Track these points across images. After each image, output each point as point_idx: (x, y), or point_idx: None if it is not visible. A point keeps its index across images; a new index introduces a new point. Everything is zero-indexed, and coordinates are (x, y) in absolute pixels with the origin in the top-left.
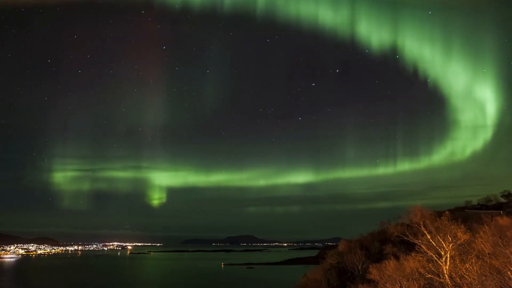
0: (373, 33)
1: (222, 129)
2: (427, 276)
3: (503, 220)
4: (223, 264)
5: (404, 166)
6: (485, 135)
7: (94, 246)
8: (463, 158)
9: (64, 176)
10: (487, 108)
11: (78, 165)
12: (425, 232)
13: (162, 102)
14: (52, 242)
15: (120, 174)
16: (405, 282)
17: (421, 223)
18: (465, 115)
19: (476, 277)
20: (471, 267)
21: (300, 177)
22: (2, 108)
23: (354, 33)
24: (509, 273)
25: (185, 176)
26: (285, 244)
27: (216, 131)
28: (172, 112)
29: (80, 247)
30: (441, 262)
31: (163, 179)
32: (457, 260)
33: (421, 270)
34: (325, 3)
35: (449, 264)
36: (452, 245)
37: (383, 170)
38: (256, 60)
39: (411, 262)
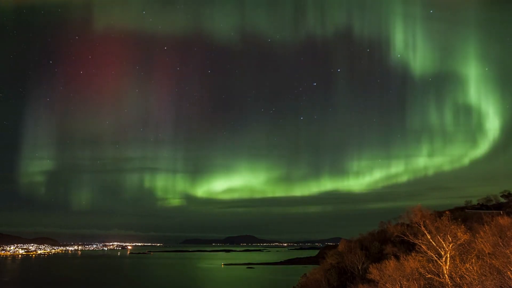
0: (374, 32)
1: (223, 129)
2: (427, 276)
3: (503, 220)
4: (223, 264)
5: (405, 166)
6: (486, 136)
7: (94, 246)
8: (463, 159)
9: (65, 176)
10: (489, 109)
11: (79, 166)
12: (425, 232)
13: (164, 103)
14: (52, 242)
15: (121, 174)
16: (405, 282)
17: (421, 223)
18: (466, 116)
19: (476, 277)
20: (471, 267)
21: (301, 177)
22: (4, 109)
23: (355, 33)
24: (509, 273)
25: (186, 176)
26: (285, 244)
27: (218, 131)
28: (173, 112)
29: (80, 247)
30: (441, 262)
31: (164, 180)
32: (457, 260)
33: (421, 270)
34: (327, 3)
35: (449, 264)
36: (452, 245)
37: (384, 170)
38: (257, 60)
39: (411, 262)
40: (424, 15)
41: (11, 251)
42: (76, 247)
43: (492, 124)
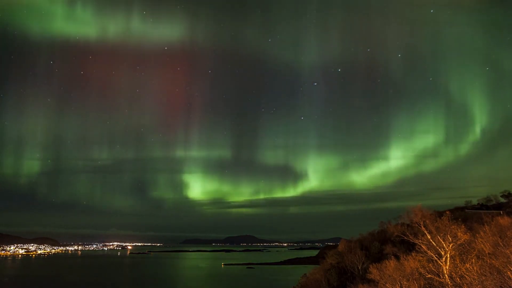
0: (375, 32)
1: (224, 129)
2: (427, 276)
3: (503, 220)
4: (223, 264)
5: (405, 166)
6: (486, 136)
7: (94, 246)
8: (463, 159)
9: (65, 177)
10: (489, 109)
11: (79, 166)
12: (425, 232)
13: (164, 103)
14: (52, 242)
15: (121, 175)
16: (405, 282)
17: (421, 223)
18: (466, 117)
19: (476, 277)
20: (471, 267)
21: (301, 177)
22: (5, 110)
23: (356, 32)
24: (509, 273)
25: (186, 176)
26: (285, 244)
27: (218, 131)
28: (174, 113)
29: (80, 247)
30: (441, 262)
31: (164, 180)
32: (457, 260)
33: (421, 270)
34: (329, 4)
35: (449, 264)
36: (452, 245)
37: (384, 170)
38: (258, 60)
39: (411, 262)
40: (424, 16)
41: (11, 251)
42: (76, 247)
43: (493, 124)
